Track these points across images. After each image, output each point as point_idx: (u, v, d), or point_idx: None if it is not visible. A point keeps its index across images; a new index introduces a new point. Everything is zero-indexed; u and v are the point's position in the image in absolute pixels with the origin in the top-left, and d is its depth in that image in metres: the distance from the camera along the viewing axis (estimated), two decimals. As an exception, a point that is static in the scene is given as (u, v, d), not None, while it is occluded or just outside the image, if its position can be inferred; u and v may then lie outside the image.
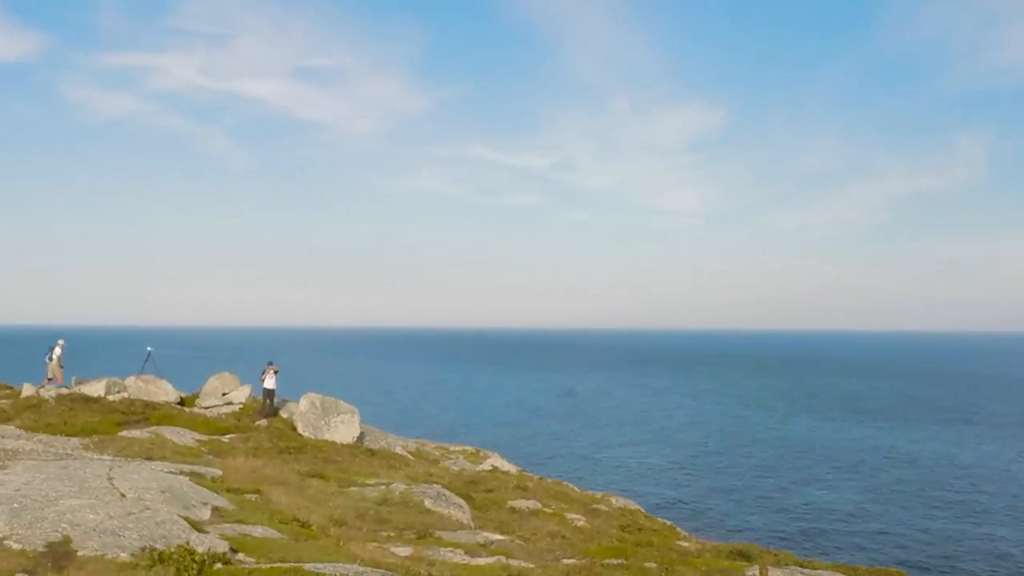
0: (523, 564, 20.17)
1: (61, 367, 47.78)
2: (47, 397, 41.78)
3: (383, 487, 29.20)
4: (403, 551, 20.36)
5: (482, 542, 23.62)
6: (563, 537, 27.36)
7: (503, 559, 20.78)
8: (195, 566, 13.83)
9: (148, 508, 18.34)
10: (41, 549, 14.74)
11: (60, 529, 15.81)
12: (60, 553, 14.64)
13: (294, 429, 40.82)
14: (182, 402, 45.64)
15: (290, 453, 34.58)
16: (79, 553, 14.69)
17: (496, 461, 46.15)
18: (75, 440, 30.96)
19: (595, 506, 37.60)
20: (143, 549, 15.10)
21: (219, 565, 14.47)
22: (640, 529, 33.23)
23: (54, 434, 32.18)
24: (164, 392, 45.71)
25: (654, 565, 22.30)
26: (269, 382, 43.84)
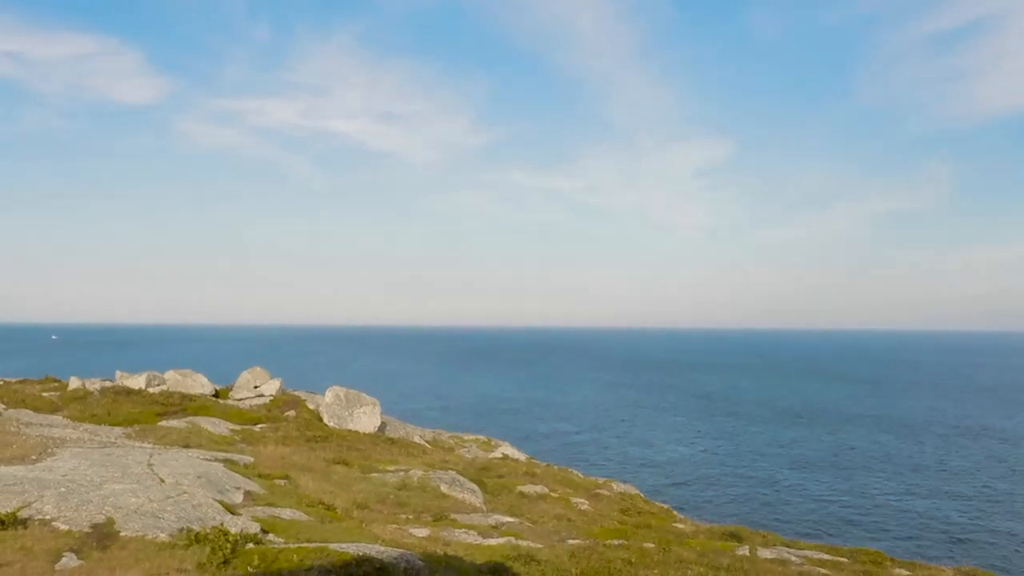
0: (531, 544, 20.14)
1: None
2: (92, 389, 41.90)
3: (402, 473, 29.23)
4: (421, 532, 20.37)
5: (494, 524, 23.62)
6: (568, 519, 27.33)
7: (513, 540, 20.76)
8: (229, 546, 13.86)
9: (185, 492, 18.36)
10: (87, 530, 14.75)
11: (104, 511, 15.82)
12: (104, 534, 14.65)
13: (320, 419, 40.87)
14: (216, 394, 45.71)
15: (316, 442, 34.63)
16: (122, 534, 14.70)
17: (507, 449, 46.12)
18: (118, 429, 31.04)
19: (598, 491, 37.51)
20: (181, 530, 15.13)
21: (251, 545, 14.49)
22: (639, 512, 33.15)
23: (98, 424, 32.29)
24: (200, 385, 45.78)
25: (652, 545, 22.25)
26: None
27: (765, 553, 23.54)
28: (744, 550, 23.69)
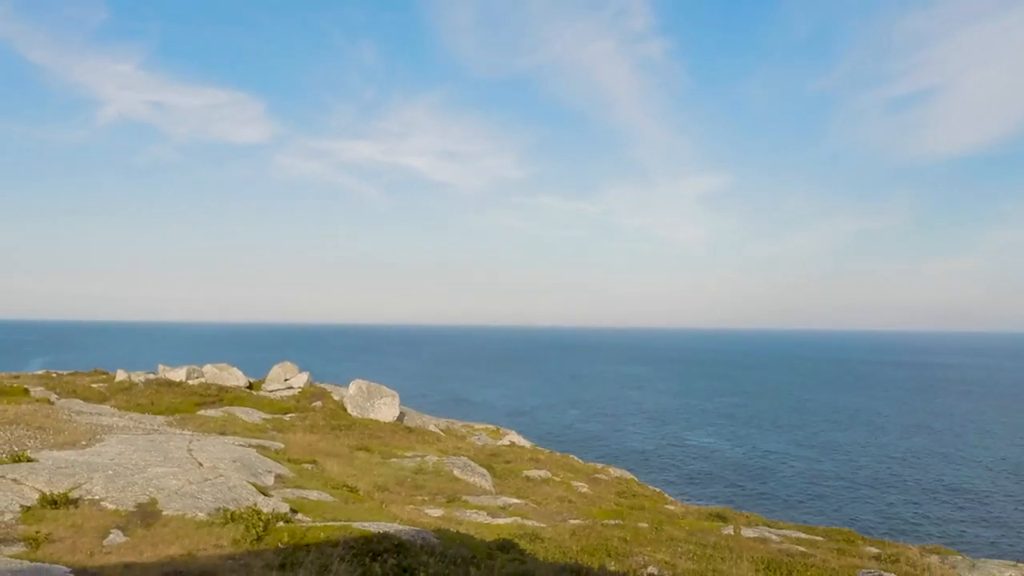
0: (536, 524, 20.12)
1: None
2: (137, 381, 41.97)
3: (419, 459, 29.23)
4: (435, 512, 20.35)
5: (502, 505, 23.62)
6: (570, 501, 27.30)
7: (519, 519, 20.77)
8: (261, 524, 13.88)
9: (221, 475, 18.37)
10: (132, 509, 14.76)
11: (148, 492, 15.85)
12: (148, 512, 14.66)
13: (344, 410, 40.85)
14: (250, 386, 45.74)
15: (341, 430, 34.66)
16: (164, 513, 14.71)
17: (513, 437, 46.03)
18: (160, 418, 31.11)
19: (596, 475, 37.43)
20: (217, 510, 15.14)
21: (281, 523, 14.51)
22: (634, 495, 33.05)
23: (143, 413, 32.38)
24: (235, 378, 45.81)
25: (646, 525, 22.25)
26: None
27: (748, 532, 23.64)
28: (729, 530, 23.80)
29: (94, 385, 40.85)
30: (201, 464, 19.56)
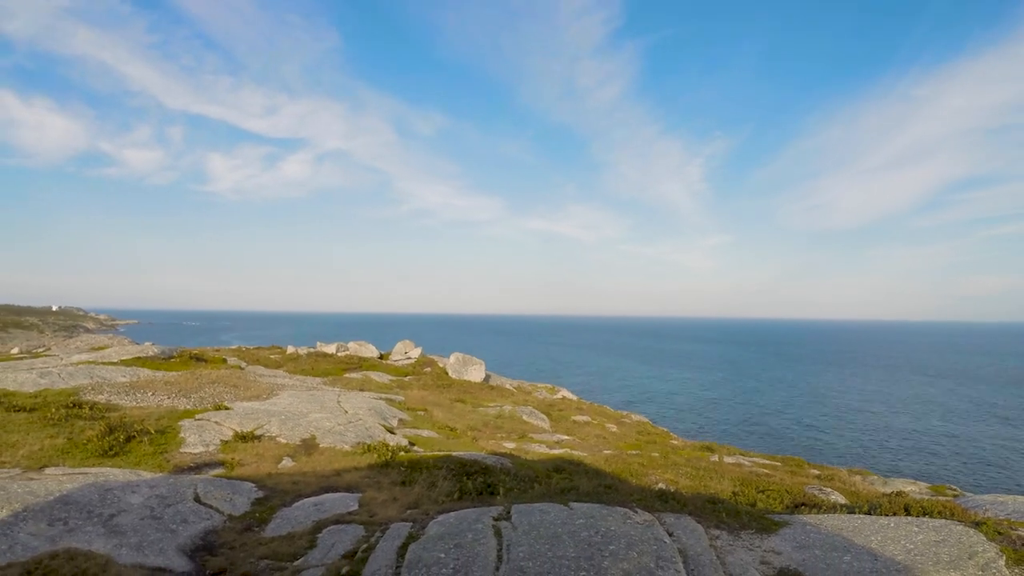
0: (580, 453, 20.02)
1: None
2: (301, 353, 42.64)
3: (498, 408, 29.22)
4: (510, 445, 20.32)
5: (556, 440, 23.52)
6: (603, 438, 27.10)
7: (568, 450, 20.66)
8: (389, 452, 14.04)
9: (360, 419, 18.52)
10: (298, 443, 14.93)
11: (309, 431, 16.02)
12: (309, 445, 14.81)
13: (446, 373, 40.99)
14: (381, 357, 46.17)
15: (444, 388, 34.80)
16: (320, 445, 14.85)
17: (565, 393, 45.64)
18: (318, 379, 31.55)
19: (622, 419, 36.91)
20: (358, 443, 15.25)
21: (402, 453, 14.58)
22: (649, 433, 32.57)
23: (305, 375, 32.87)
24: (370, 351, 46.28)
25: (657, 454, 22.15)
26: None
27: (729, 459, 23.79)
28: (715, 458, 23.93)
29: (272, 356, 41.65)
30: (346, 411, 19.74)
